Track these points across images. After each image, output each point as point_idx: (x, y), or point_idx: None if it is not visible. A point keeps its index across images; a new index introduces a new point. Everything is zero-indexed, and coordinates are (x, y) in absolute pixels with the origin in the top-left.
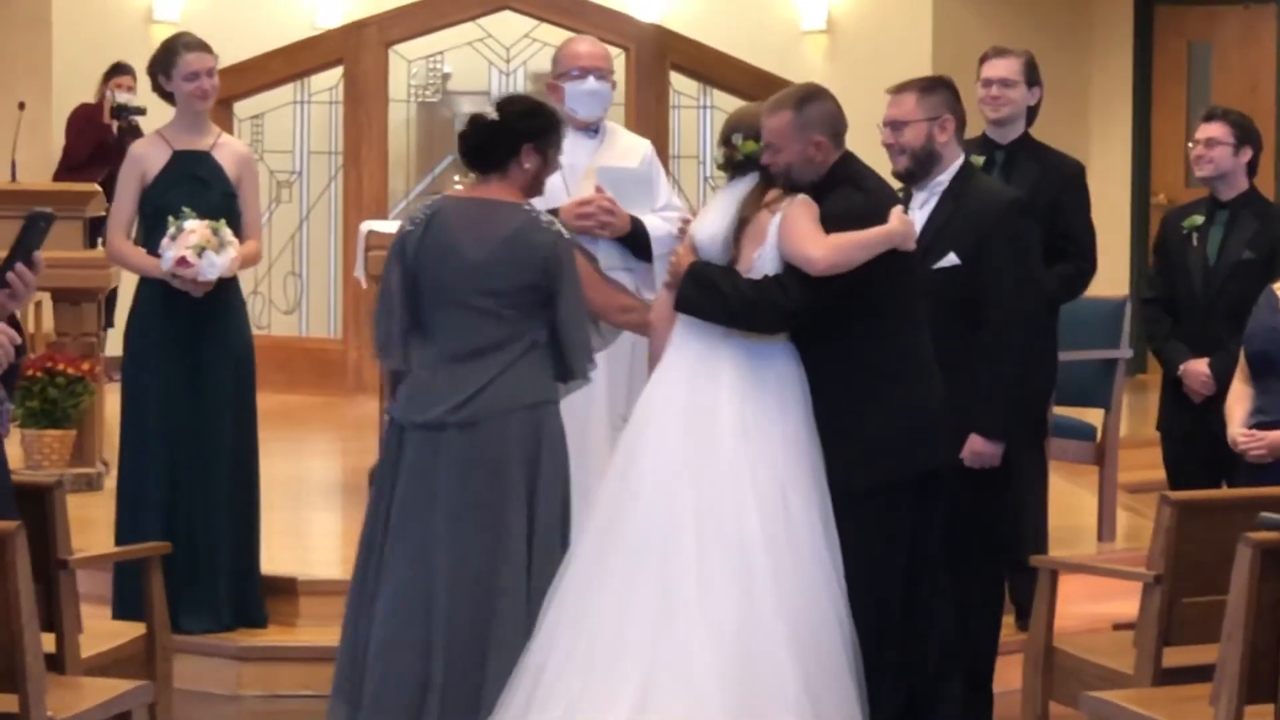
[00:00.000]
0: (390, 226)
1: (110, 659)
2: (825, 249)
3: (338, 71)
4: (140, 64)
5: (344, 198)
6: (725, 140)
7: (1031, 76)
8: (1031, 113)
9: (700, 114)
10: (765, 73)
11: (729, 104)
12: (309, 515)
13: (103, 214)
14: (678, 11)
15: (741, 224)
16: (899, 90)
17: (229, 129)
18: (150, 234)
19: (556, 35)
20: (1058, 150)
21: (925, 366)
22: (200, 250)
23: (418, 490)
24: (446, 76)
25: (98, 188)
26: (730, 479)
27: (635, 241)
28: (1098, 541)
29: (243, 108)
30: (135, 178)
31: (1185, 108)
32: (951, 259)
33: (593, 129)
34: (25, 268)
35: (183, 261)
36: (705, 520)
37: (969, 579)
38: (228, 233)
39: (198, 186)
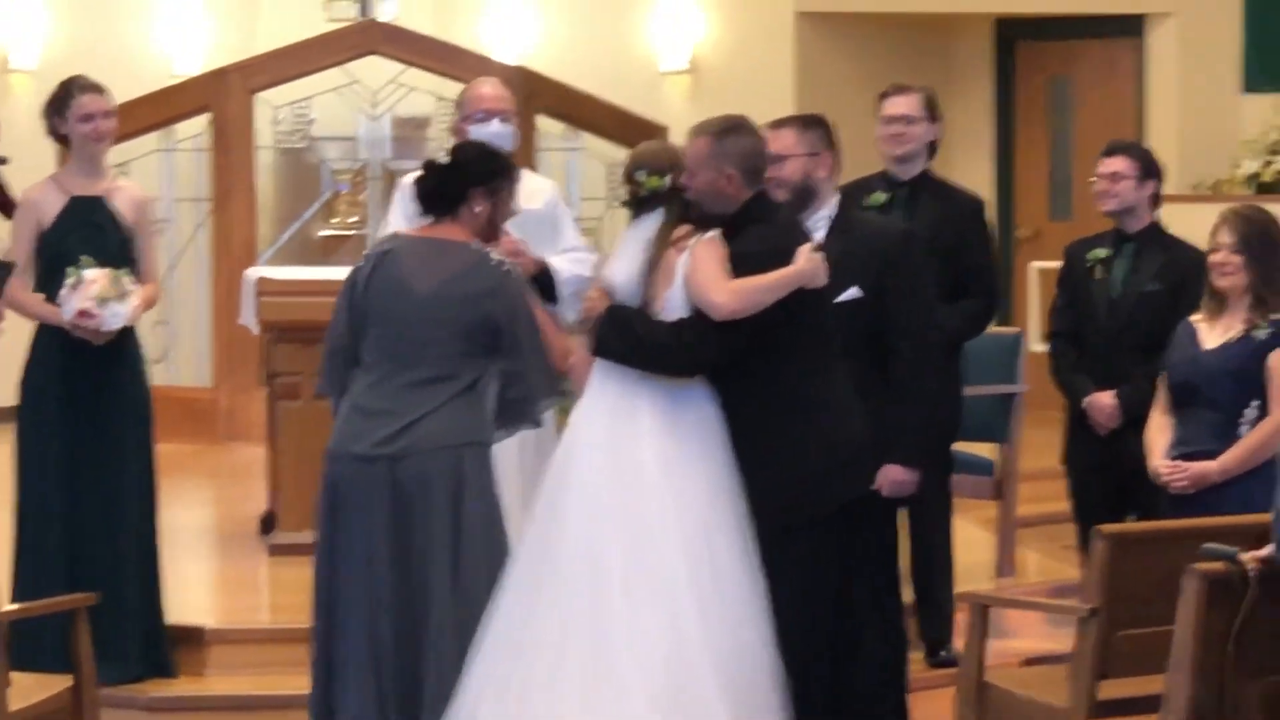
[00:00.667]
0: (281, 273)
1: (38, 712)
2: (728, 295)
3: (203, 118)
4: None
5: (213, 244)
6: (629, 177)
7: (932, 112)
8: (932, 148)
9: (567, 156)
10: (630, 114)
11: (596, 146)
12: (204, 565)
13: None
14: (541, 53)
15: (651, 263)
16: (777, 125)
17: None
18: (48, 281)
19: (423, 79)
20: (958, 186)
21: (843, 399)
22: (103, 301)
23: (354, 519)
24: (312, 122)
25: None
26: (655, 519)
27: (542, 283)
28: (997, 577)
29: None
30: (31, 224)
31: (1047, 142)
32: (854, 292)
33: None
34: None
35: (85, 313)
36: (631, 561)
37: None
38: (128, 280)
39: (94, 232)
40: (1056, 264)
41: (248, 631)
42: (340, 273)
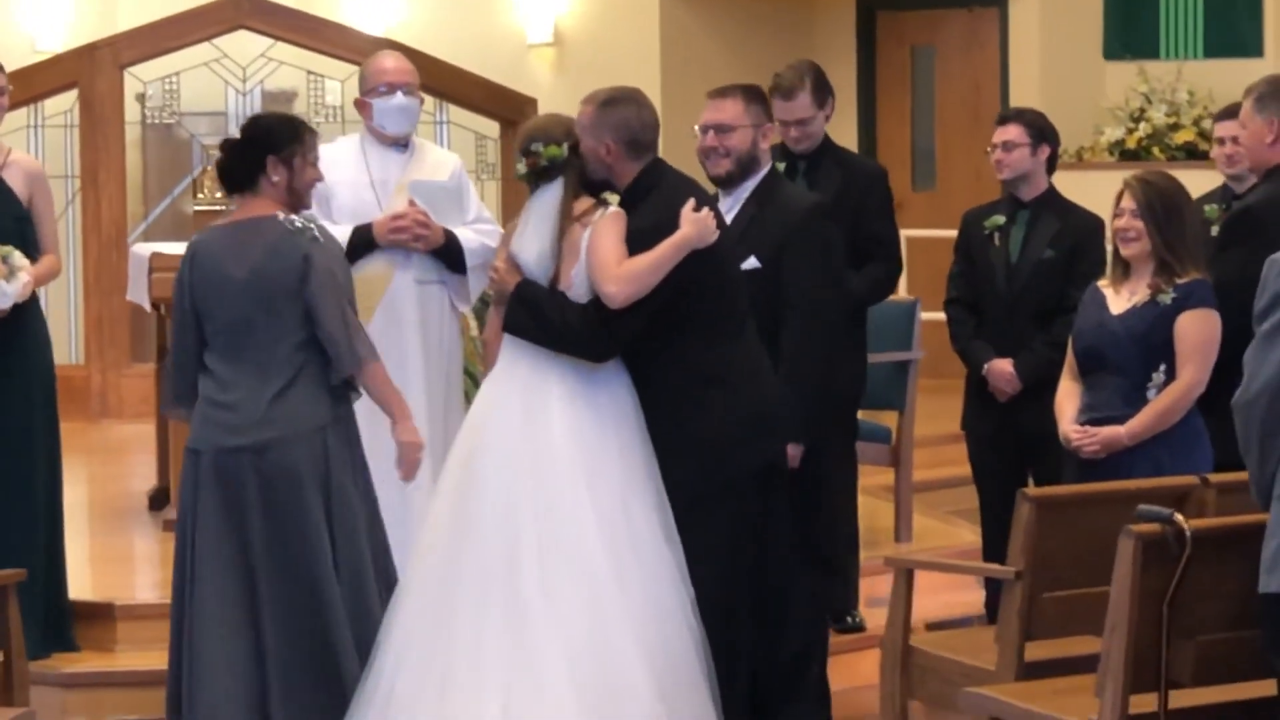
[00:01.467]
0: (174, 248)
1: None
2: (617, 283)
3: (71, 95)
4: None
5: (83, 222)
6: (526, 150)
7: (821, 98)
8: (826, 119)
9: (436, 129)
10: (498, 86)
11: (464, 118)
12: (97, 541)
13: None
14: (405, 25)
15: (557, 239)
16: (720, 95)
17: None
18: None
19: (292, 54)
20: (859, 155)
21: (754, 363)
22: None
23: (220, 515)
24: (179, 97)
25: None
26: (569, 491)
27: (448, 254)
28: (895, 543)
29: None
30: None
31: (910, 111)
32: (752, 262)
33: (402, 144)
34: None
35: None
36: (546, 534)
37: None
38: (18, 258)
39: None
40: (922, 232)
41: (155, 607)
42: None
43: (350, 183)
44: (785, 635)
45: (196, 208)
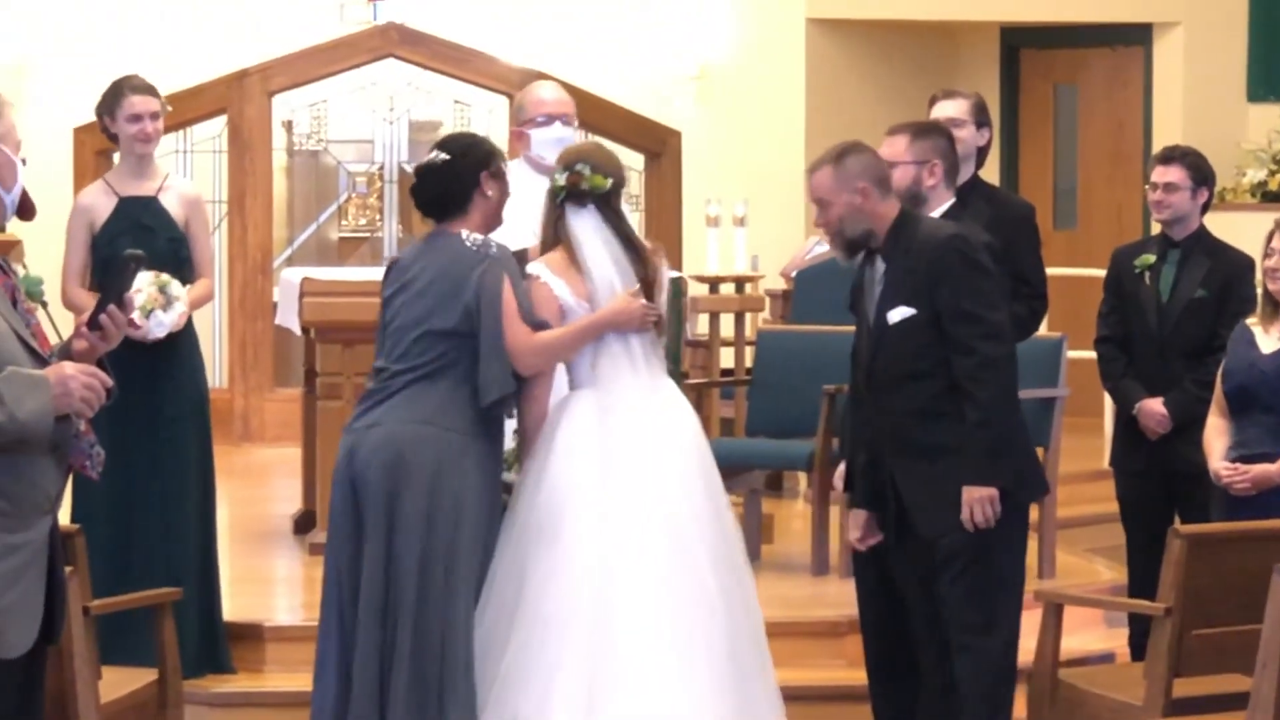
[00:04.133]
0: (325, 273)
1: (126, 704)
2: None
3: (220, 121)
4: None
5: (229, 246)
6: (570, 167)
7: (980, 118)
8: (981, 154)
9: None
10: (643, 118)
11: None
12: (247, 564)
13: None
14: (551, 56)
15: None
16: (892, 133)
17: None
18: (102, 282)
19: (439, 83)
20: (1006, 191)
21: None
22: (148, 311)
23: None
24: (326, 124)
25: (18, 238)
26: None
27: None
28: (1039, 579)
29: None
30: (84, 227)
31: (1052, 149)
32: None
33: None
34: (118, 309)
35: (130, 323)
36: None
37: None
38: (175, 287)
39: (144, 234)
40: (1064, 271)
41: (305, 629)
42: (381, 273)
43: (507, 214)
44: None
45: (341, 234)
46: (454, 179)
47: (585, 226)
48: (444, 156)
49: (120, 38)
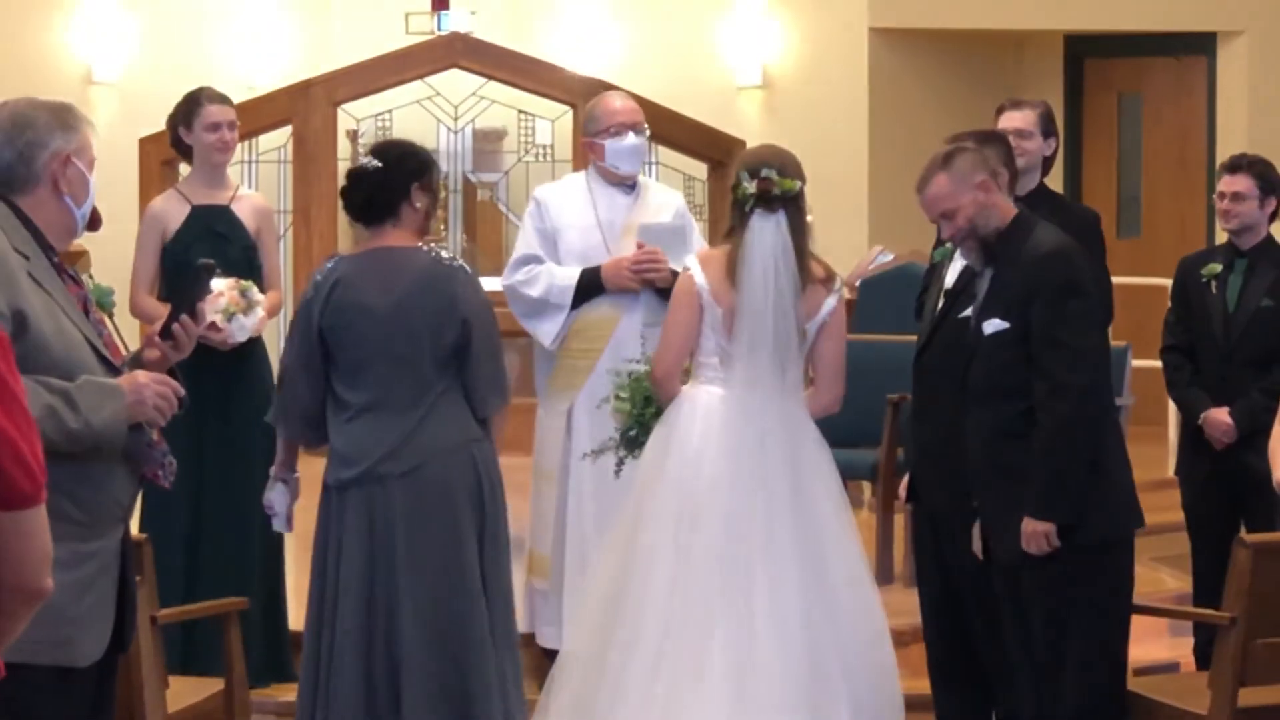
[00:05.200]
0: None
1: (194, 713)
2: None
3: (285, 131)
4: None
5: (294, 257)
6: (756, 172)
7: (1047, 127)
8: (1047, 163)
9: (645, 169)
10: (708, 128)
11: (672, 159)
12: (305, 573)
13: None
14: (615, 66)
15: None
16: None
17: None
18: (174, 291)
19: (504, 93)
20: (1073, 201)
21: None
22: (230, 315)
23: (365, 547)
24: (391, 134)
25: (84, 249)
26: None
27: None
28: None
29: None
30: (156, 234)
31: (1116, 159)
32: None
33: (628, 185)
34: (190, 319)
35: (212, 326)
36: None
37: None
38: (255, 293)
39: (218, 242)
40: (1128, 280)
41: None
42: None
43: (579, 225)
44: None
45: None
46: (384, 186)
47: (767, 232)
48: (376, 163)
49: (186, 50)
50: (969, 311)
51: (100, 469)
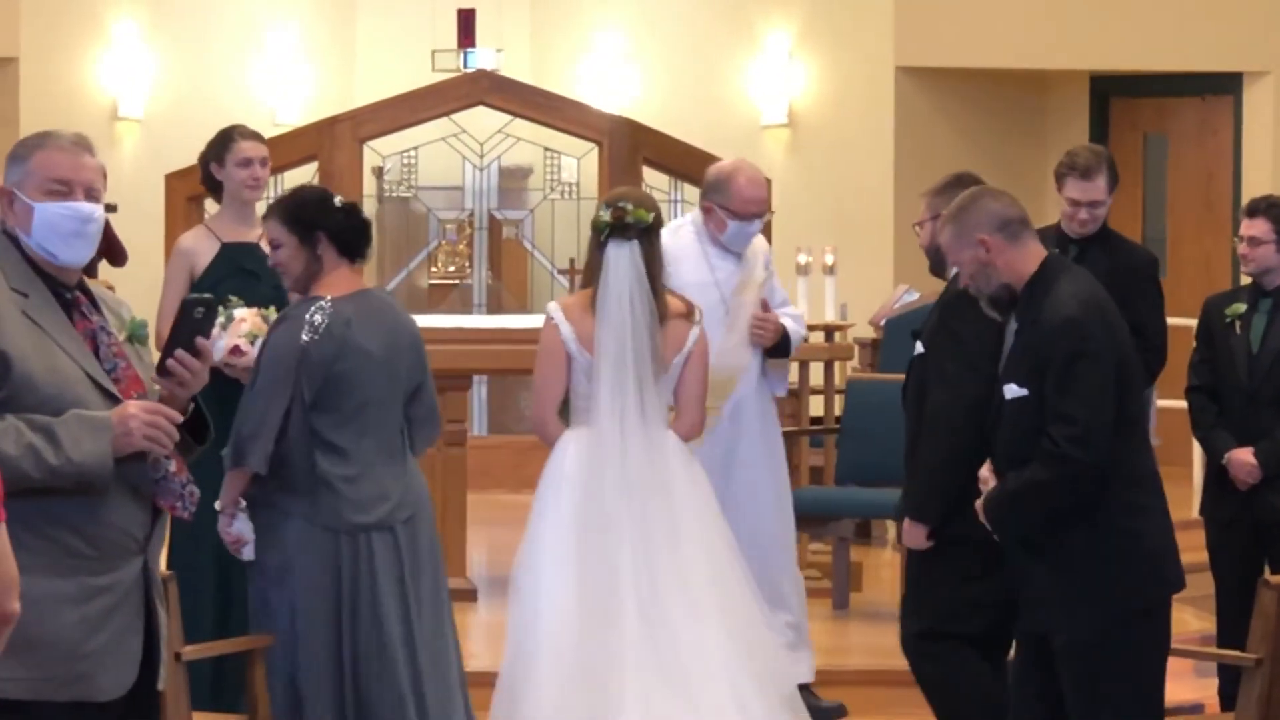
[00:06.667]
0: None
1: None
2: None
3: (311, 167)
4: (105, 160)
5: None
6: (613, 204)
7: (1113, 181)
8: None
9: (670, 208)
10: None
11: (697, 197)
12: None
13: None
14: (641, 104)
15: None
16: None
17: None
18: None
19: (529, 130)
20: (1130, 240)
21: None
22: (253, 339)
23: (398, 589)
24: (416, 171)
25: (110, 284)
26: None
27: (778, 345)
28: None
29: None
30: (184, 270)
31: (1142, 199)
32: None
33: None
34: (187, 354)
35: (236, 350)
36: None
37: None
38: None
39: (248, 279)
40: None
41: None
42: (474, 321)
43: (697, 284)
44: None
45: (431, 281)
46: (366, 228)
47: (622, 260)
48: (349, 202)
49: (212, 85)
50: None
51: (102, 502)
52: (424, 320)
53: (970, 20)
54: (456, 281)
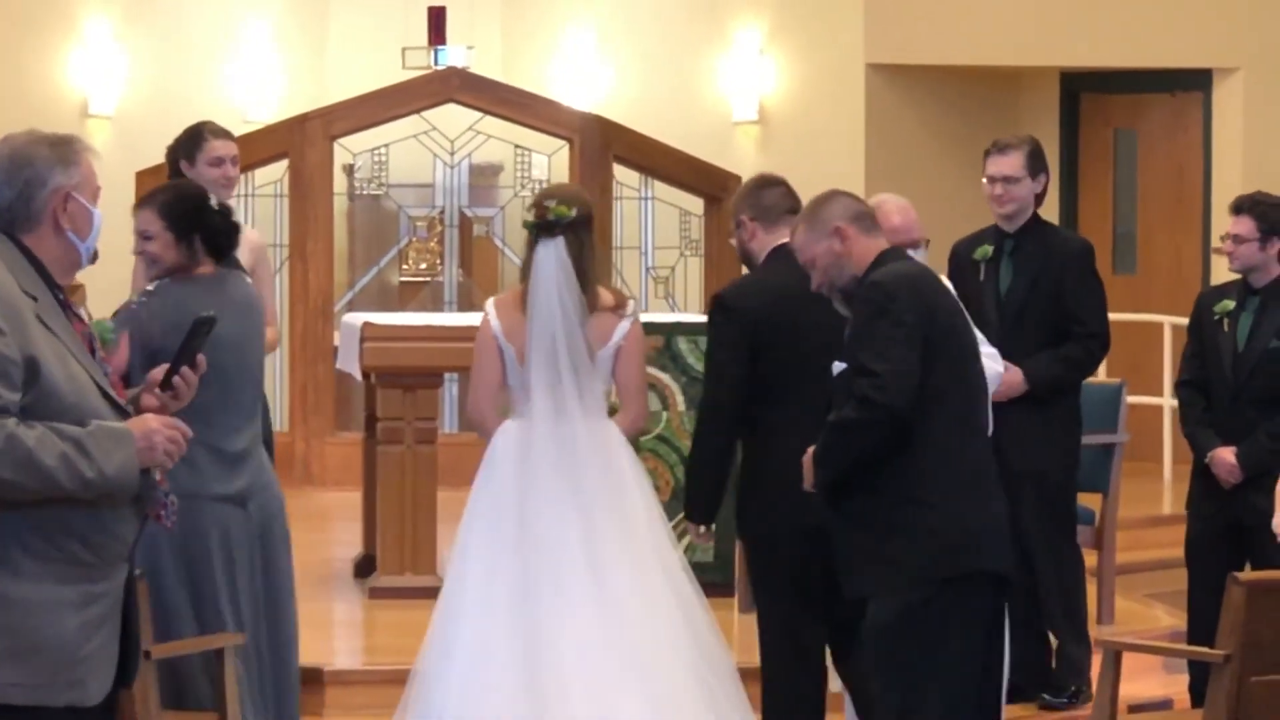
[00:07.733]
0: (386, 318)
1: None
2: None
3: (281, 165)
4: None
5: (290, 290)
6: (538, 204)
7: (1035, 166)
8: (1037, 199)
9: (641, 205)
10: (703, 162)
11: (668, 194)
12: (305, 606)
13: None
14: (612, 101)
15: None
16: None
17: None
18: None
19: (500, 128)
20: (1065, 231)
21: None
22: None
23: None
24: (387, 168)
25: (80, 283)
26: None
27: None
28: (1097, 624)
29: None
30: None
31: (1112, 194)
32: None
33: None
34: (190, 370)
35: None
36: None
37: None
38: None
39: None
40: (1123, 316)
41: (361, 673)
42: (445, 319)
43: None
44: None
45: (402, 279)
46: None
47: (549, 256)
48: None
49: (182, 83)
50: None
51: (109, 512)
52: (393, 318)
53: (940, 17)
54: (427, 279)
